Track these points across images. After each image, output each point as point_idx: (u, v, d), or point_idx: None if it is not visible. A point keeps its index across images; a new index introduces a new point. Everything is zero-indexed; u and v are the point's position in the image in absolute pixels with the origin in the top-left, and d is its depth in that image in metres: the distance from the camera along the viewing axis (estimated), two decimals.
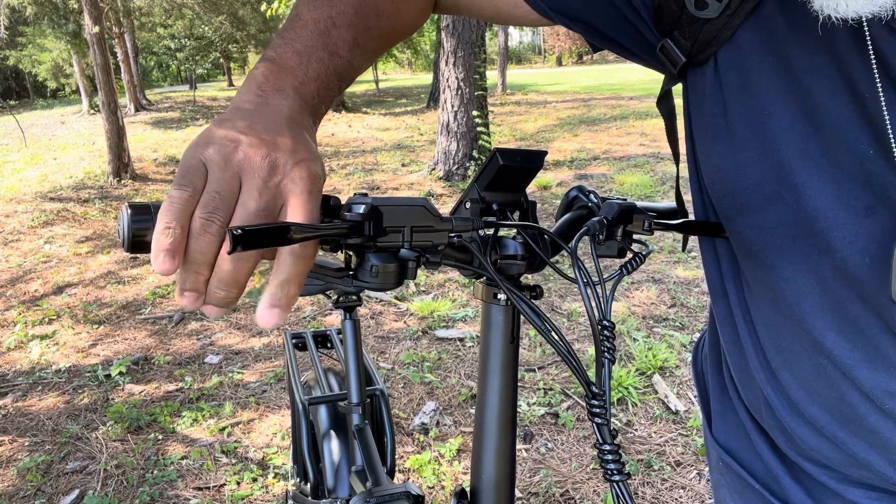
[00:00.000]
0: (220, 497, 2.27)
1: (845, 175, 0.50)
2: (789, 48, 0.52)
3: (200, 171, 0.46)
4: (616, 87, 19.02)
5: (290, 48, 0.57)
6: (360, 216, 0.49)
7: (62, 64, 22.84)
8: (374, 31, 0.63)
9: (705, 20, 0.55)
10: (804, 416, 0.60)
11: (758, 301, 0.61)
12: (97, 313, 4.09)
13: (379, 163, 8.87)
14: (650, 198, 5.99)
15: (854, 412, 0.56)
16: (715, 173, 0.59)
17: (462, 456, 2.42)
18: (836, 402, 0.57)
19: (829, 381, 0.56)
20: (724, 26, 0.54)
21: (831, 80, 0.50)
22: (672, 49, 0.58)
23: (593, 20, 0.63)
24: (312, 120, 0.55)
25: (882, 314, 0.51)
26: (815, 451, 0.61)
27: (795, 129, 0.52)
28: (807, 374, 0.58)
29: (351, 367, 1.15)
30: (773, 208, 0.54)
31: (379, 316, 3.77)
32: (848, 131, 0.49)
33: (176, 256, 0.42)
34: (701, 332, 0.81)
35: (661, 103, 0.66)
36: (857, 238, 0.50)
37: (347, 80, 0.61)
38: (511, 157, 0.59)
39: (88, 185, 8.11)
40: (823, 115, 0.50)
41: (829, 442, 0.59)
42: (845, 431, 0.57)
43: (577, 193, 0.68)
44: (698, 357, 0.81)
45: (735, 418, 0.72)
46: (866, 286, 0.51)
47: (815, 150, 0.51)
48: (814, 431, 0.60)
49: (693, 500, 2.15)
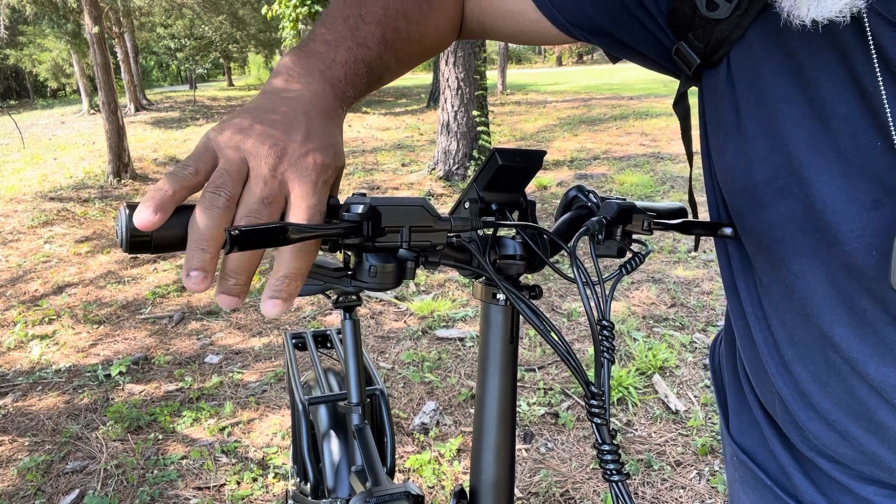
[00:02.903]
0: (220, 497, 2.27)
1: (852, 169, 0.51)
2: (796, 45, 0.53)
3: (208, 154, 0.46)
4: (616, 87, 19.02)
5: (320, 39, 0.58)
6: (359, 216, 0.49)
7: (62, 64, 22.85)
8: (402, 32, 0.64)
9: (717, 21, 0.56)
10: (817, 410, 0.60)
11: (770, 296, 0.62)
12: (97, 313, 4.09)
13: (379, 162, 8.87)
14: (650, 198, 5.99)
15: (864, 407, 0.56)
16: (727, 170, 0.60)
17: (462, 456, 2.42)
18: (847, 397, 0.57)
19: (839, 375, 0.57)
20: (736, 26, 0.56)
21: (837, 75, 0.50)
22: (686, 51, 0.60)
23: (612, 31, 0.65)
24: (339, 104, 0.55)
25: (889, 307, 0.52)
26: (828, 447, 0.61)
27: (803, 124, 0.53)
28: (818, 367, 0.58)
29: (351, 366, 1.15)
30: (783, 203, 0.55)
31: (379, 316, 3.77)
32: (854, 125, 0.50)
33: (159, 212, 0.42)
34: (719, 330, 0.81)
35: (677, 105, 0.67)
36: (864, 232, 0.51)
37: (377, 73, 0.61)
38: (510, 156, 0.58)
39: (88, 184, 8.11)
40: (830, 109, 0.51)
41: (840, 437, 0.59)
42: (856, 427, 0.57)
43: (576, 193, 0.68)
44: (716, 353, 0.82)
45: (749, 414, 0.72)
46: (873, 280, 0.52)
47: (823, 145, 0.52)
48: (826, 426, 0.60)
49: (693, 500, 2.15)
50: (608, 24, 0.64)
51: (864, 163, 0.50)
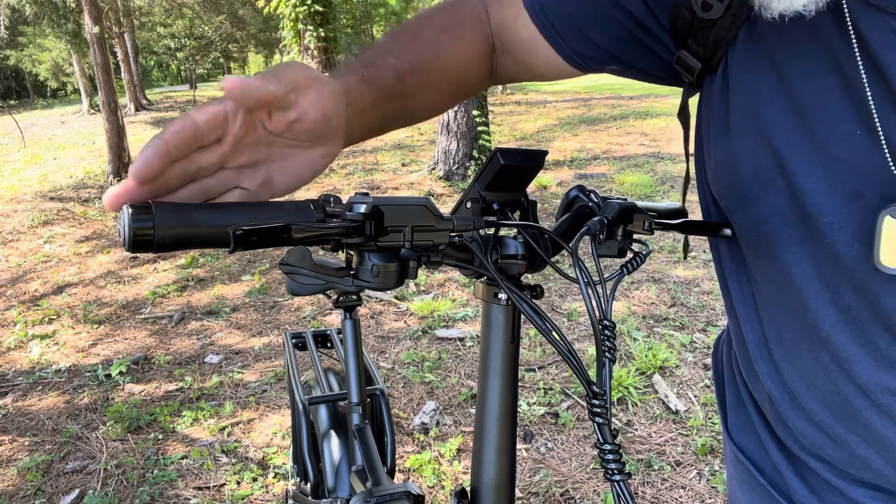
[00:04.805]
0: (220, 497, 2.27)
1: (833, 159, 0.51)
2: (775, 41, 0.54)
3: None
4: (616, 87, 19.01)
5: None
6: (362, 216, 0.49)
7: (62, 64, 22.85)
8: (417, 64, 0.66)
9: (712, 22, 0.58)
10: (804, 410, 0.60)
11: (761, 293, 0.62)
12: (97, 313, 4.09)
13: (379, 162, 8.87)
14: (650, 197, 5.99)
15: (850, 407, 0.56)
16: (717, 167, 0.61)
17: (462, 456, 2.42)
18: (834, 397, 0.57)
19: (827, 373, 0.57)
20: (730, 26, 0.57)
21: (816, 66, 0.52)
22: (688, 58, 0.61)
23: (623, 58, 0.68)
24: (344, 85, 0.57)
25: (872, 303, 0.51)
26: (817, 448, 0.61)
27: (784, 117, 0.54)
28: (806, 366, 0.58)
29: (351, 366, 1.15)
30: (768, 196, 0.56)
31: (379, 315, 3.77)
32: (833, 114, 0.51)
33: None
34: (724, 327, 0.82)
35: (680, 115, 0.70)
36: (846, 223, 0.51)
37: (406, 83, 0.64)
38: (512, 156, 0.59)
39: (88, 184, 8.11)
40: (809, 100, 0.52)
41: (828, 438, 0.59)
42: (843, 428, 0.57)
43: (577, 193, 0.68)
44: (718, 351, 0.83)
45: (745, 413, 0.73)
46: (856, 274, 0.51)
47: (803, 136, 0.53)
48: (813, 426, 0.60)
49: (693, 500, 2.15)
50: (619, 55, 0.67)
51: (843, 153, 0.50)
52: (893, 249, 0.48)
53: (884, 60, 0.47)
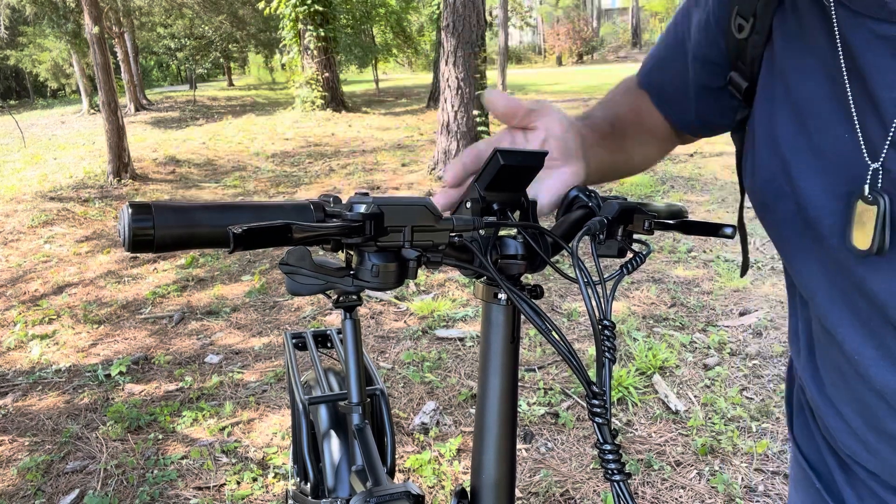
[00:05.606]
0: (220, 497, 2.27)
1: (828, 164, 0.53)
2: (784, 53, 0.57)
3: None
4: None
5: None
6: (362, 216, 0.49)
7: (62, 64, 22.84)
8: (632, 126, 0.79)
9: (745, 41, 0.62)
10: (841, 416, 0.59)
11: (794, 295, 0.65)
12: (97, 313, 4.09)
13: (379, 162, 8.87)
14: (650, 198, 5.98)
15: (874, 414, 0.55)
16: (746, 177, 0.65)
17: (462, 456, 2.42)
18: (858, 403, 0.56)
19: (846, 379, 0.56)
20: (756, 43, 0.61)
21: (812, 76, 0.54)
22: (737, 78, 0.65)
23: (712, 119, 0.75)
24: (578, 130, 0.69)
25: (878, 306, 0.51)
26: (856, 456, 0.60)
27: (789, 126, 0.56)
28: (834, 371, 0.58)
29: (351, 366, 1.15)
30: (780, 204, 0.58)
31: (379, 316, 3.77)
32: (827, 118, 0.53)
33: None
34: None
35: (733, 134, 0.73)
36: (844, 227, 0.52)
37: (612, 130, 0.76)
38: (512, 156, 0.58)
39: (88, 184, 8.11)
40: (807, 108, 0.54)
41: (863, 446, 0.58)
42: (873, 435, 0.56)
43: (577, 193, 0.68)
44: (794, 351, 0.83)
45: (804, 417, 0.72)
46: (860, 278, 0.51)
47: (803, 143, 0.55)
48: (850, 434, 0.59)
49: (693, 500, 2.15)
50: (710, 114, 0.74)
51: (837, 157, 0.52)
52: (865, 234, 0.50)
53: (863, 61, 0.49)
